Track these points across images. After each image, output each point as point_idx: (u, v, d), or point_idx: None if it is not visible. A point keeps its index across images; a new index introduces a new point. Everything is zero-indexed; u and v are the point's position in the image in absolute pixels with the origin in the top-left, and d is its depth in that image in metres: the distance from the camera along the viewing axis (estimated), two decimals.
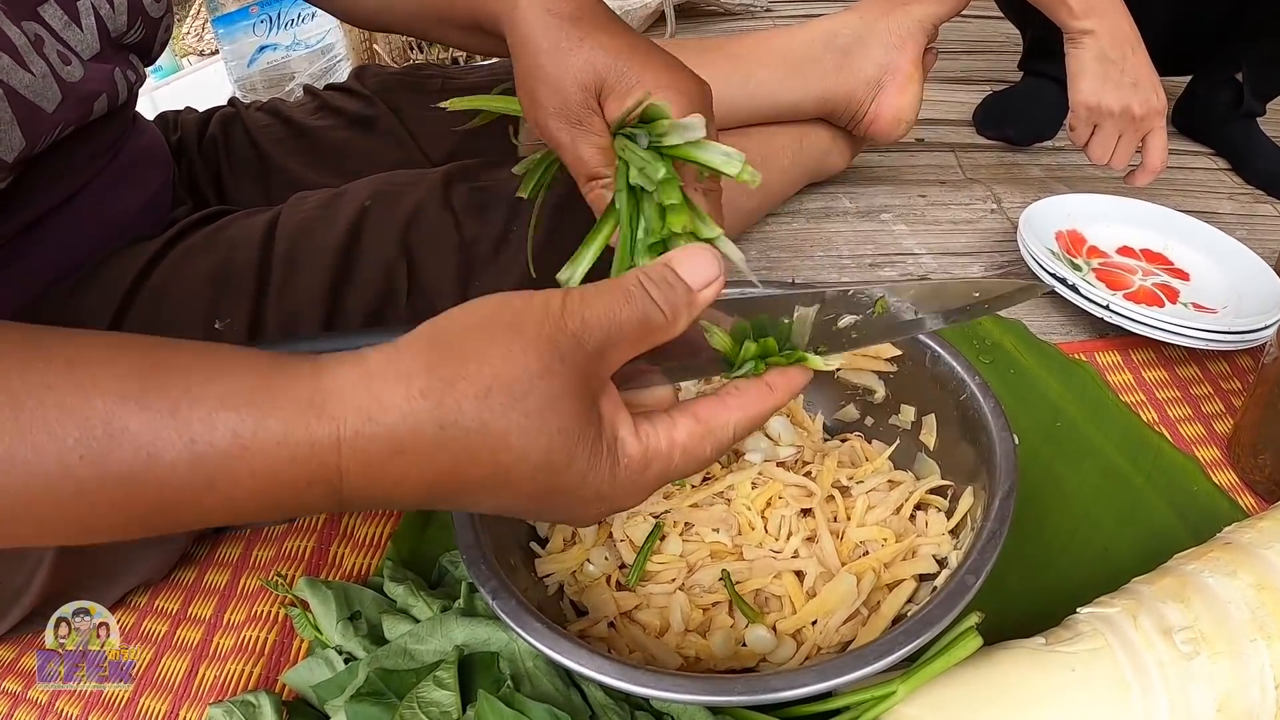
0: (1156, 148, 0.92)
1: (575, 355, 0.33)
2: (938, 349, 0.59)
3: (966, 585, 0.44)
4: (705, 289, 0.36)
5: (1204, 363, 0.82)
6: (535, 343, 0.32)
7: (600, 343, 0.33)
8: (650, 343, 0.35)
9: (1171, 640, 0.46)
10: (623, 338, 0.34)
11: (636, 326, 0.34)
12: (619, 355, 0.34)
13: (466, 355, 0.32)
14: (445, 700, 0.44)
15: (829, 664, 0.41)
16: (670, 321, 0.35)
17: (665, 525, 0.54)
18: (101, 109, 0.58)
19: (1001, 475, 0.50)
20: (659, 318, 0.34)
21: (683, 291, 0.35)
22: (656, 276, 0.35)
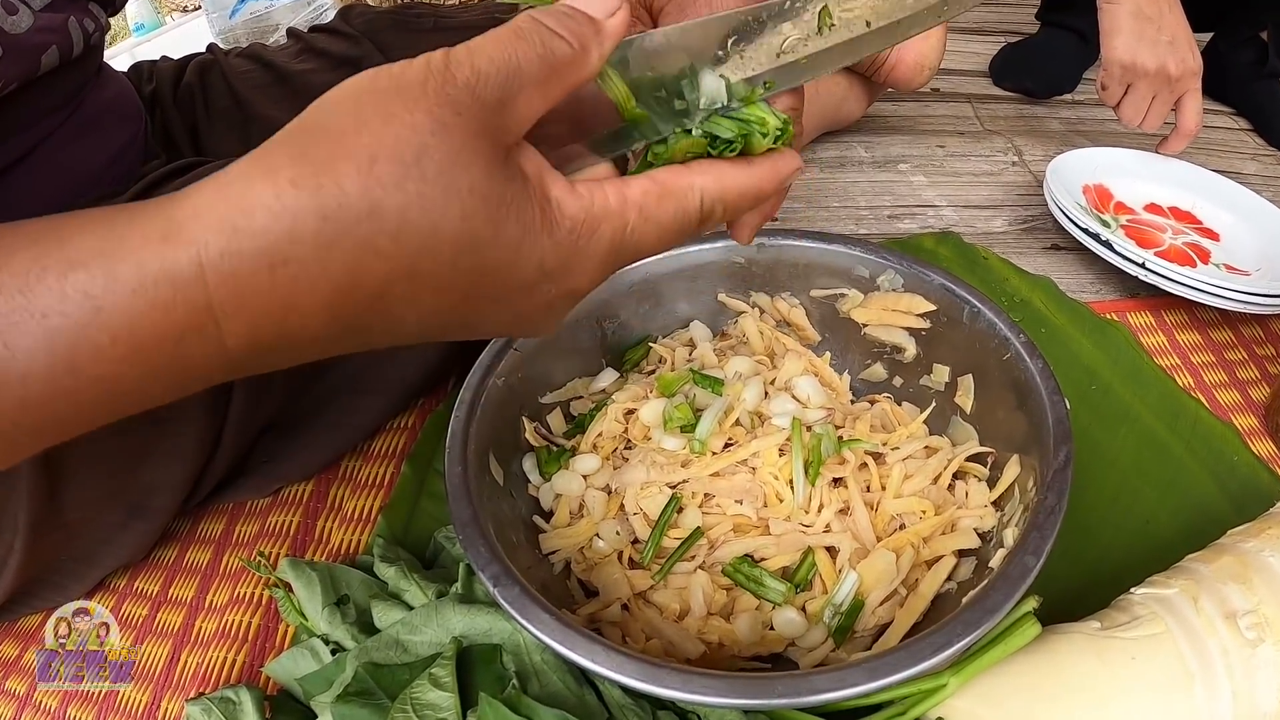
0: (1192, 110, 0.89)
1: (472, 107, 0.27)
2: (977, 304, 0.54)
3: (1027, 567, 0.39)
4: (610, 18, 0.29)
5: (1237, 326, 0.78)
6: (421, 100, 0.26)
7: (500, 90, 0.27)
8: (562, 84, 0.29)
9: (1235, 625, 0.43)
10: (526, 80, 0.28)
11: (539, 64, 0.28)
12: (528, 105, 0.28)
13: (341, 129, 0.26)
14: (443, 703, 0.39)
15: (880, 660, 0.36)
16: (579, 52, 0.29)
17: (683, 497, 0.50)
18: (52, 62, 0.53)
19: (1055, 443, 0.46)
20: (564, 49, 0.28)
21: (585, 20, 0.29)
22: (551, 12, 0.29)
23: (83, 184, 0.60)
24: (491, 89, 0.27)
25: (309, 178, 0.25)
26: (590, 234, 0.29)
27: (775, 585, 0.46)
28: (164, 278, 0.25)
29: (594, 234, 0.30)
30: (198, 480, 0.58)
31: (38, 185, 0.57)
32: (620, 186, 0.30)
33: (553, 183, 0.29)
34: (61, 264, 0.25)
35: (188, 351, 0.26)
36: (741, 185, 0.32)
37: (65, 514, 0.52)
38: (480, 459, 0.48)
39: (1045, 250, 0.88)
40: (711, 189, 0.32)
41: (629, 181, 0.31)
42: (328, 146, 0.26)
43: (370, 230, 0.26)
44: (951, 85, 1.18)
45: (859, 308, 0.59)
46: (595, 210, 0.30)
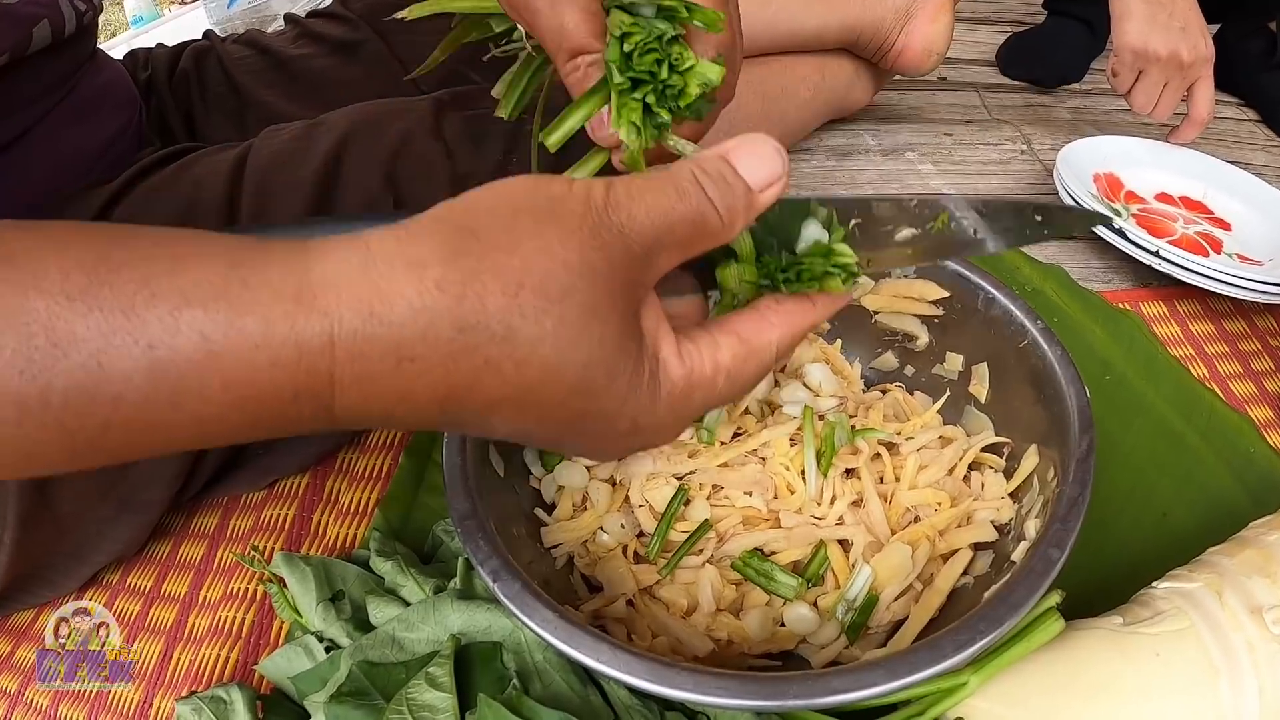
0: (1203, 98, 0.87)
1: (623, 258, 0.27)
2: (992, 290, 0.52)
3: (1051, 561, 0.38)
4: (767, 189, 0.30)
5: (1250, 317, 0.77)
6: (575, 236, 0.26)
7: (650, 244, 0.28)
8: (700, 248, 0.30)
9: (1261, 619, 0.42)
10: (673, 241, 0.28)
11: (689, 228, 0.29)
12: (667, 260, 0.29)
13: (493, 244, 0.26)
14: (440, 703, 0.37)
15: (900, 659, 0.34)
16: (726, 225, 0.29)
17: (690, 488, 0.48)
18: (44, 38, 0.52)
19: (1077, 433, 0.44)
20: (715, 221, 0.29)
21: (742, 192, 0.29)
22: (713, 172, 0.29)
23: (76, 169, 0.60)
24: (643, 243, 0.28)
25: (455, 285, 0.25)
26: (685, 400, 0.30)
27: (786, 580, 0.44)
28: (291, 341, 0.25)
29: (688, 399, 0.31)
30: (191, 473, 0.57)
31: (30, 170, 0.56)
32: (713, 352, 0.31)
33: (663, 342, 0.30)
34: (174, 294, 0.24)
35: (298, 410, 0.26)
36: (808, 327, 0.33)
37: (56, 508, 0.51)
38: (480, 450, 0.47)
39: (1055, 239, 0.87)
40: (786, 340, 0.32)
41: (720, 344, 0.31)
42: (478, 257, 0.26)
43: (500, 353, 0.26)
44: (958, 74, 1.17)
45: (870, 294, 0.58)
46: (693, 378, 0.30)
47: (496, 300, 0.25)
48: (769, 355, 0.32)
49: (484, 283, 0.25)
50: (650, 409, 0.29)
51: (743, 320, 0.32)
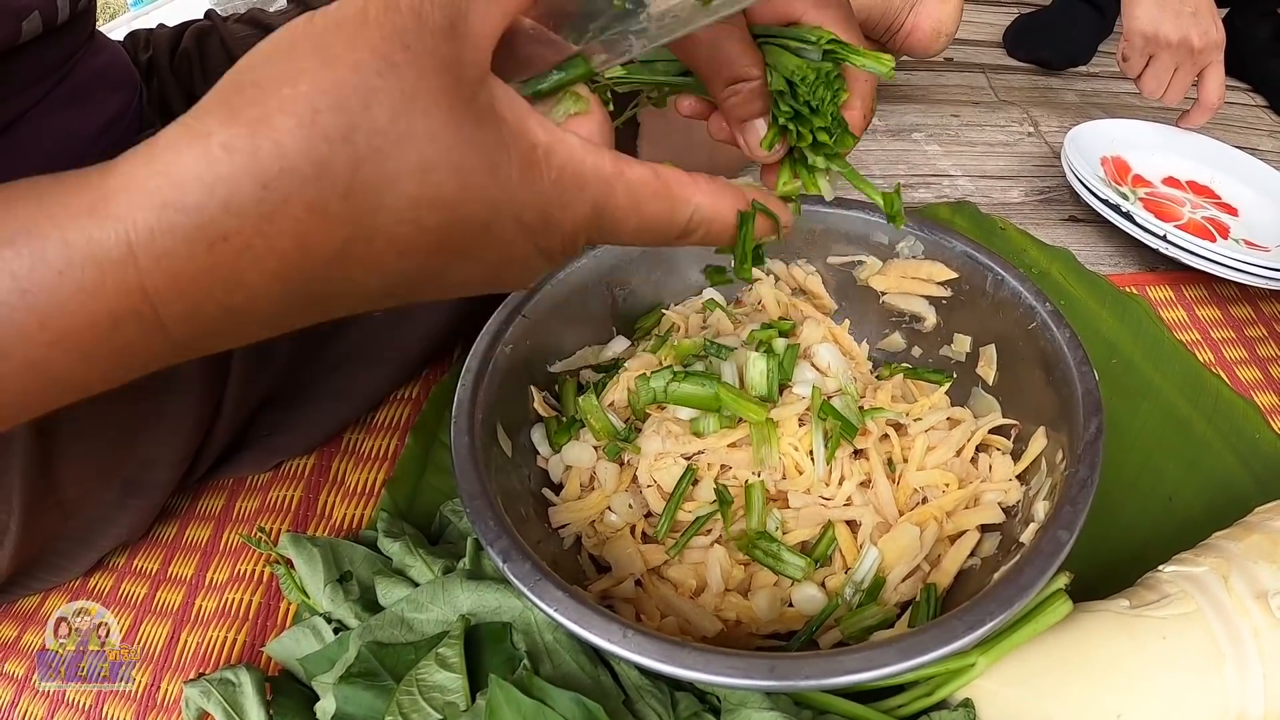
0: (1214, 84, 0.87)
1: (422, 35, 0.23)
2: (1001, 272, 0.52)
3: (1060, 542, 0.38)
4: None
5: (1257, 302, 0.77)
6: (361, 34, 0.23)
7: (449, 7, 0.24)
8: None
9: (1267, 605, 0.42)
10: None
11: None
12: (482, 20, 0.25)
13: (276, 81, 0.23)
14: (451, 684, 0.37)
15: (912, 639, 0.34)
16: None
17: (698, 468, 0.48)
18: (34, 29, 0.51)
19: (1085, 415, 0.44)
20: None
21: None
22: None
23: (73, 153, 0.58)
24: (439, 8, 0.24)
25: (243, 139, 0.22)
26: (575, 190, 0.26)
27: (794, 560, 0.44)
28: (90, 259, 0.22)
29: (579, 191, 0.27)
30: (196, 455, 0.57)
31: (27, 154, 0.55)
32: (619, 160, 0.27)
33: (538, 127, 0.26)
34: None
35: (124, 337, 0.24)
36: (729, 224, 0.30)
37: (61, 491, 0.51)
38: (488, 430, 0.46)
39: (1063, 222, 0.86)
40: (704, 210, 0.29)
41: (631, 162, 0.28)
42: (262, 102, 0.23)
43: (318, 193, 0.23)
44: (965, 55, 1.15)
45: (877, 275, 0.57)
46: (585, 168, 0.27)
47: (293, 137, 0.22)
48: (682, 212, 0.29)
49: (275, 124, 0.22)
50: (532, 201, 0.26)
51: (668, 167, 0.29)
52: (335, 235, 0.24)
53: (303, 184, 0.23)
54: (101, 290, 0.23)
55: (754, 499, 0.46)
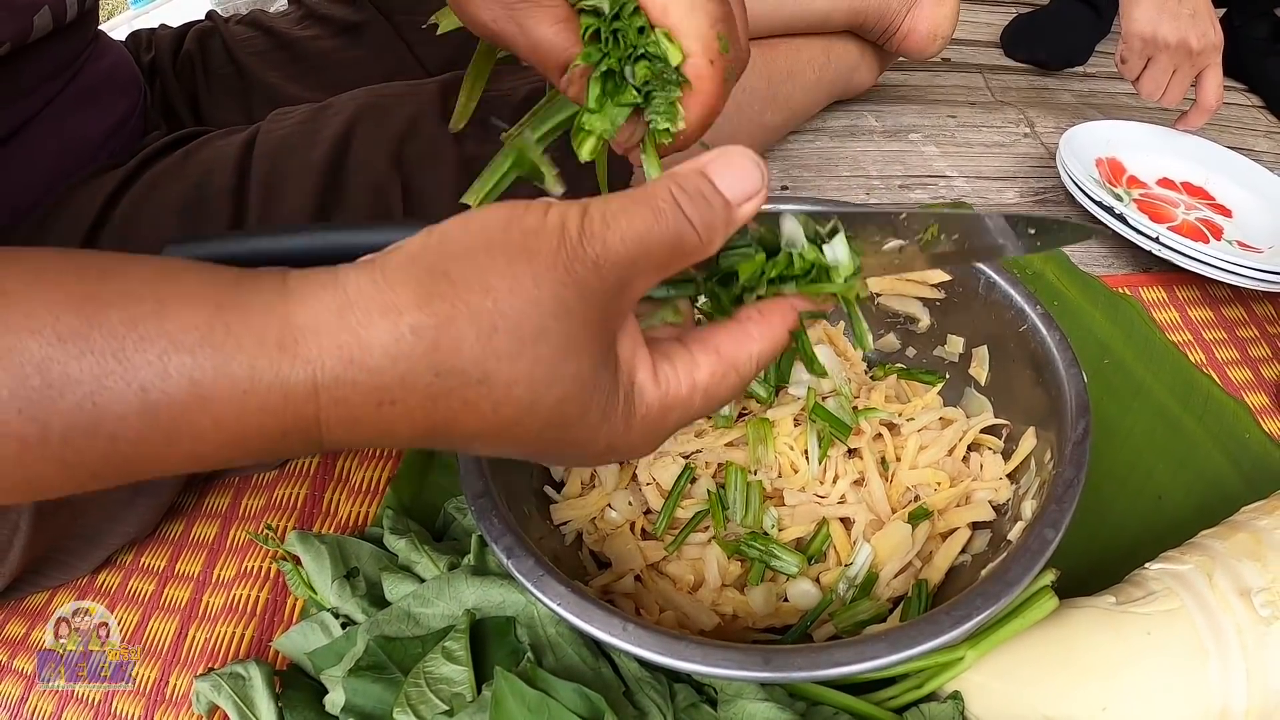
0: (1212, 85, 0.87)
1: (596, 288, 0.27)
2: (993, 275, 0.53)
3: (1046, 540, 0.39)
4: (745, 204, 0.30)
5: (1249, 304, 0.78)
6: (550, 271, 0.26)
7: (624, 272, 0.28)
8: (677, 267, 0.30)
9: (1250, 602, 0.42)
10: (650, 264, 0.28)
11: (666, 250, 0.28)
12: (643, 284, 0.29)
13: (467, 285, 0.26)
14: (457, 676, 0.39)
15: (900, 633, 0.36)
16: (704, 243, 0.29)
17: (696, 467, 0.49)
18: (45, 25, 0.52)
19: (1074, 416, 0.45)
20: (693, 239, 0.29)
21: (720, 207, 0.29)
22: (691, 189, 0.29)
23: (81, 155, 0.59)
24: (618, 272, 0.28)
25: (429, 331, 0.26)
26: (660, 420, 0.31)
27: (788, 558, 0.46)
28: (276, 387, 0.26)
29: (663, 421, 0.31)
30: None
31: (35, 156, 0.56)
32: (691, 371, 0.31)
33: (639, 369, 0.30)
34: (162, 339, 0.25)
35: (288, 445, 0.27)
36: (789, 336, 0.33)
37: None
38: None
39: None
40: (766, 353, 0.32)
41: (698, 363, 0.31)
42: (451, 300, 0.26)
43: (477, 395, 0.27)
44: (962, 55, 1.16)
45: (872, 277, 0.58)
46: (669, 400, 0.31)
47: (471, 346, 0.26)
48: (749, 369, 0.32)
49: (459, 327, 0.26)
50: (624, 433, 0.30)
51: (723, 335, 0.32)
52: (477, 426, 0.28)
53: (465, 384, 0.27)
54: (282, 413, 0.26)
55: (752, 498, 0.47)
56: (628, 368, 0.30)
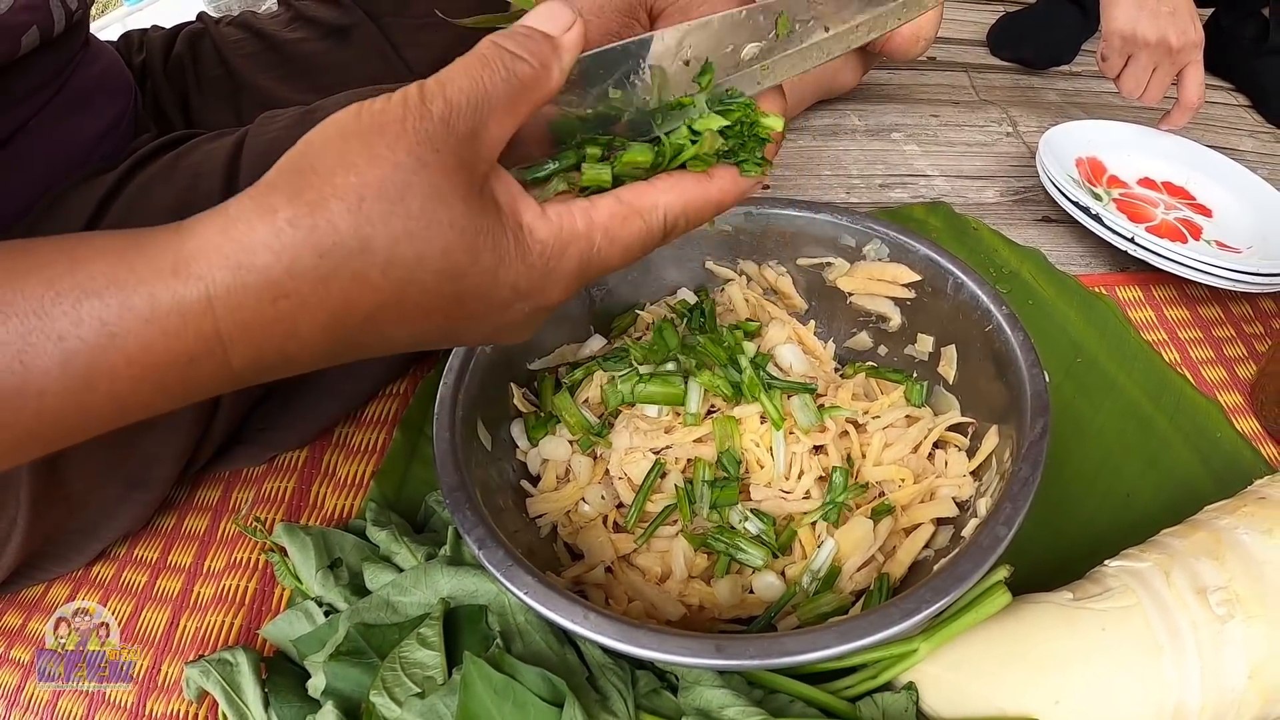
0: (1193, 83, 0.87)
1: (448, 140, 0.29)
2: (961, 276, 0.55)
3: (998, 538, 0.40)
4: (567, 32, 0.31)
5: (1226, 303, 0.78)
6: (401, 138, 0.28)
7: (472, 118, 0.29)
8: (528, 104, 0.31)
9: (1206, 601, 0.43)
10: (495, 105, 0.30)
11: (505, 87, 0.30)
12: (498, 128, 0.30)
13: (331, 170, 0.28)
14: (429, 661, 0.40)
15: (850, 624, 0.37)
16: (540, 71, 0.31)
17: (666, 462, 0.51)
18: (32, 42, 0.53)
19: (1032, 415, 0.46)
20: (527, 70, 0.30)
21: (542, 38, 0.31)
22: (509, 33, 0.31)
23: (73, 160, 0.60)
24: (464, 119, 0.29)
25: (304, 217, 0.28)
26: (559, 256, 0.32)
27: (752, 551, 0.47)
28: (175, 309, 0.27)
29: (562, 255, 0.32)
30: (195, 449, 0.58)
31: (28, 163, 0.57)
32: (587, 209, 0.32)
33: (524, 209, 0.31)
34: (75, 290, 0.27)
35: (197, 372, 0.29)
36: (704, 199, 0.34)
37: (67, 487, 0.53)
38: (468, 425, 0.49)
39: (1036, 222, 0.88)
40: (675, 205, 0.33)
41: (595, 203, 0.32)
42: (319, 187, 0.28)
43: (362, 264, 0.28)
44: (948, 54, 1.17)
45: (845, 276, 0.60)
46: (564, 234, 0.32)
47: (344, 219, 0.28)
48: (655, 218, 0.33)
49: (330, 207, 0.28)
50: (525, 272, 0.31)
51: (624, 187, 0.33)
52: (373, 298, 0.29)
53: (349, 256, 0.28)
54: (183, 334, 0.28)
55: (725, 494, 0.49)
56: (510, 209, 0.31)
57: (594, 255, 0.32)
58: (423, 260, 0.29)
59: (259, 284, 0.28)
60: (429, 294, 0.30)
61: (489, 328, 0.33)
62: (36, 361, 0.27)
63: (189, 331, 0.28)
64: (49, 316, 0.27)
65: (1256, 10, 1.11)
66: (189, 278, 0.27)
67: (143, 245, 0.28)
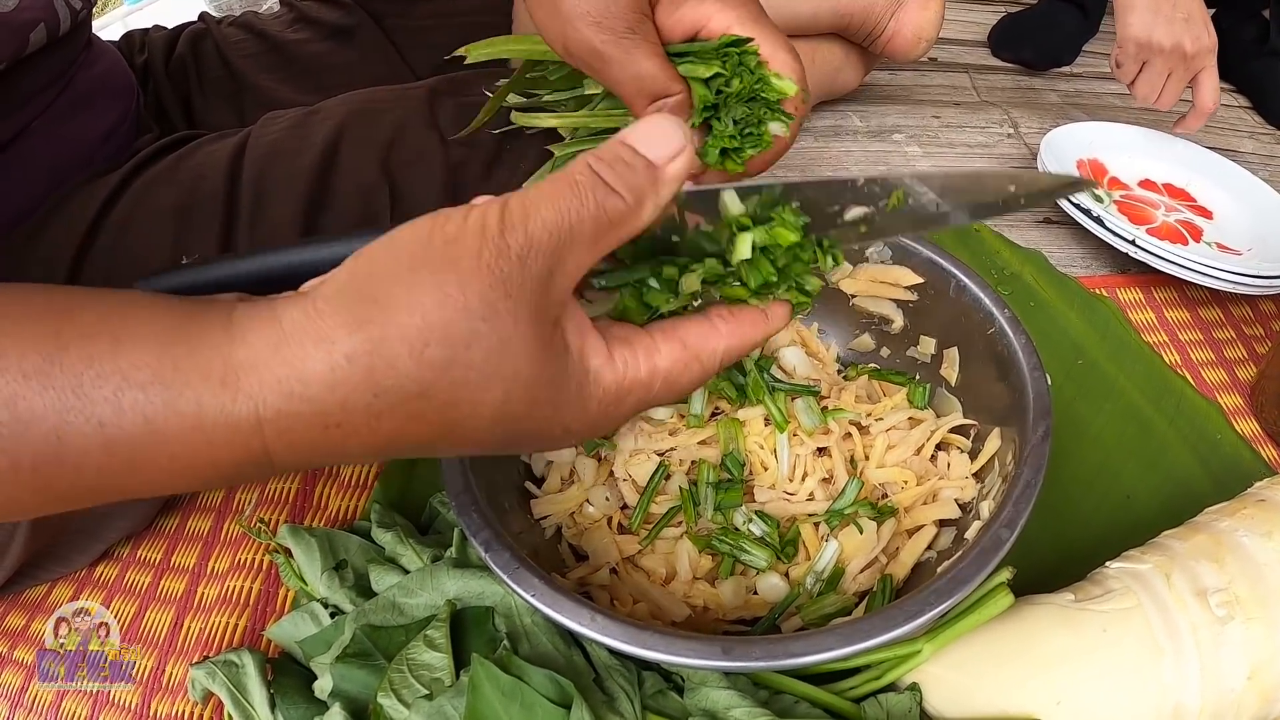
0: (1208, 88, 0.87)
1: (524, 284, 0.27)
2: (963, 278, 0.55)
3: (1001, 540, 0.40)
4: (671, 163, 0.29)
5: (1226, 305, 0.79)
6: (474, 276, 0.27)
7: (552, 259, 0.28)
8: (613, 241, 0.29)
9: (1206, 602, 0.43)
10: (578, 242, 0.28)
11: (593, 224, 0.28)
12: (577, 266, 0.29)
13: (394, 306, 0.27)
14: (437, 663, 0.41)
15: (854, 626, 0.37)
16: (634, 207, 0.29)
17: (670, 464, 0.51)
18: (40, 40, 0.53)
19: (1034, 418, 0.47)
20: (618, 206, 0.28)
21: (643, 169, 0.29)
22: (609, 157, 0.29)
23: (77, 161, 0.60)
24: (543, 259, 0.27)
25: (363, 356, 0.27)
26: (618, 403, 0.31)
27: (756, 553, 0.47)
28: (223, 422, 0.27)
29: (621, 403, 0.31)
30: None
31: (31, 165, 0.57)
32: (652, 354, 0.31)
33: (593, 353, 0.30)
34: (116, 376, 0.26)
35: (240, 474, 0.29)
36: (760, 337, 0.34)
37: None
38: None
39: (1038, 224, 0.88)
40: (734, 350, 0.33)
41: (659, 349, 0.31)
42: (381, 323, 0.27)
43: (419, 407, 0.28)
44: (950, 55, 1.17)
45: (848, 278, 0.60)
46: (626, 384, 0.31)
47: (405, 363, 0.27)
48: (713, 362, 0.32)
49: (391, 348, 0.26)
50: (581, 416, 0.30)
51: (688, 326, 0.32)
52: (426, 433, 0.29)
53: (406, 399, 0.27)
54: (230, 447, 0.27)
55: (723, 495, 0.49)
56: (578, 353, 0.30)
57: (649, 400, 0.32)
58: (479, 406, 0.28)
59: (310, 413, 0.27)
60: (482, 431, 0.29)
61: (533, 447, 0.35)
62: (74, 441, 0.26)
63: (236, 444, 0.27)
64: (89, 400, 0.26)
65: (1257, 12, 1.12)
66: (239, 394, 0.27)
67: (190, 340, 0.27)
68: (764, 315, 0.34)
